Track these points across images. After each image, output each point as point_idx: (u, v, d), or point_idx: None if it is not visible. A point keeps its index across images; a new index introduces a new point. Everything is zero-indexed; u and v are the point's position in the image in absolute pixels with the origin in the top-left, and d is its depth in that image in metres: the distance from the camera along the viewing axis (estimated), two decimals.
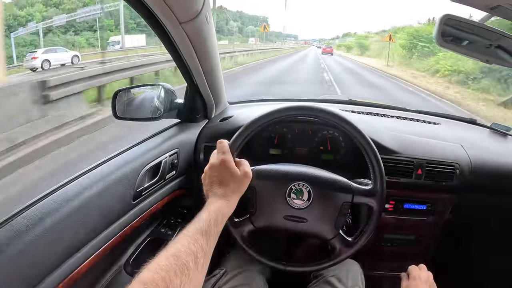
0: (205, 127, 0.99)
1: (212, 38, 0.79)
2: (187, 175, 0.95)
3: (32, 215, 0.57)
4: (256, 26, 70.39)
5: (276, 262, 0.70)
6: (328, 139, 0.97)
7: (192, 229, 0.50)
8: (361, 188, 0.68)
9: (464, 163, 0.91)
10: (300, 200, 0.67)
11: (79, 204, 0.63)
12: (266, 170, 0.69)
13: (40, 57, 11.81)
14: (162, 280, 0.40)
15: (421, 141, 0.95)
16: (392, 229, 0.97)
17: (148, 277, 0.40)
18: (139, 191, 0.77)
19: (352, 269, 0.82)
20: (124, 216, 0.74)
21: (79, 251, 0.62)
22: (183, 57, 0.77)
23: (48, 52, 12.42)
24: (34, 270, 0.54)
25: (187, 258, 0.44)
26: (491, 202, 0.95)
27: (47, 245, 0.56)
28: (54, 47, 13.96)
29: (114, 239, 0.71)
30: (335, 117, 0.67)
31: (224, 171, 0.60)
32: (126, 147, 0.83)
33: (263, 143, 0.98)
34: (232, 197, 0.59)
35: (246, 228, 0.69)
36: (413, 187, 0.91)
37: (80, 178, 0.68)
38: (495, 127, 1.12)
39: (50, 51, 12.78)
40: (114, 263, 0.79)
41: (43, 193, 0.62)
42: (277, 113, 0.68)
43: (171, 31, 0.68)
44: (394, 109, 1.23)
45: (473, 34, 0.72)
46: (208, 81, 0.90)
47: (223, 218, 0.56)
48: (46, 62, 11.64)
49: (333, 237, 0.68)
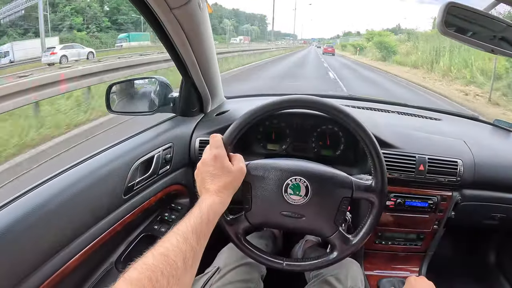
0: (200, 121, 0.97)
1: (206, 27, 0.76)
2: (182, 170, 0.93)
3: (17, 210, 0.55)
4: (253, 24, 67.83)
5: (274, 260, 0.68)
6: (327, 134, 0.94)
7: (183, 227, 0.47)
8: (361, 183, 0.65)
9: (467, 159, 0.88)
10: (297, 196, 0.64)
11: (66, 199, 0.61)
12: (261, 165, 0.66)
13: (58, 52, 12.81)
14: (148, 280, 0.38)
15: (423, 137, 0.92)
16: (393, 227, 0.94)
17: (134, 276, 0.38)
18: (130, 185, 0.75)
19: (352, 268, 0.80)
20: (115, 211, 0.72)
21: (66, 247, 0.60)
22: (176, 47, 0.75)
23: (66, 48, 13.44)
24: (19, 267, 0.52)
25: (176, 257, 0.42)
26: (493, 198, 0.92)
27: (32, 241, 0.54)
28: (71, 44, 15.08)
29: (104, 235, 0.69)
30: (334, 109, 0.64)
31: (217, 167, 0.58)
32: (118, 141, 0.81)
33: (260, 138, 0.96)
34: (225, 193, 0.57)
35: (241, 225, 0.67)
36: (414, 183, 0.88)
37: (68, 171, 0.67)
38: (498, 124, 1.10)
39: (68, 47, 13.84)
40: (105, 260, 0.77)
41: (27, 188, 0.60)
42: (272, 106, 0.65)
43: (162, 18, 0.66)
44: (394, 105, 1.20)
45: (477, 25, 0.70)
46: (204, 73, 0.88)
47: (215, 215, 0.53)
48: (64, 57, 12.58)
49: (332, 234, 0.65)
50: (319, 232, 0.67)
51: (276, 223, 0.66)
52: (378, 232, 0.96)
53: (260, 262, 0.68)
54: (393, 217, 0.92)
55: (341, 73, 11.87)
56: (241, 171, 0.61)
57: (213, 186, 0.56)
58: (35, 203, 0.56)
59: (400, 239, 0.97)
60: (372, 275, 0.98)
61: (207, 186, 0.57)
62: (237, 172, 0.60)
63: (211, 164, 0.58)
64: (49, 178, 0.64)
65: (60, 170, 0.67)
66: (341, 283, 0.75)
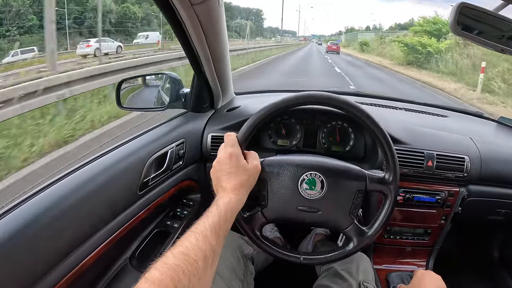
0: (212, 117, 0.97)
1: (223, 24, 0.77)
2: (194, 166, 0.93)
3: (36, 206, 0.54)
4: (248, 19, 62.83)
5: (291, 255, 0.68)
6: (337, 130, 0.95)
7: (201, 225, 0.48)
8: (375, 176, 0.66)
9: (474, 156, 0.90)
10: (312, 191, 0.65)
11: (85, 195, 0.61)
12: (276, 162, 0.66)
13: (93, 45, 14.06)
14: (170, 280, 0.38)
15: (431, 133, 0.94)
16: (401, 221, 0.96)
17: (156, 276, 0.38)
18: (145, 181, 0.75)
19: (362, 262, 0.81)
20: (131, 207, 0.72)
21: (84, 243, 0.60)
22: (193, 42, 0.75)
23: (100, 42, 14.35)
24: (39, 264, 0.52)
25: (196, 256, 0.42)
26: (499, 194, 0.94)
27: (51, 237, 0.54)
28: (104, 38, 16.50)
29: (120, 230, 0.69)
30: (347, 104, 0.65)
31: (233, 165, 0.58)
32: (132, 136, 0.81)
33: (271, 133, 0.97)
34: (242, 191, 0.57)
35: (258, 221, 0.67)
36: (423, 179, 0.90)
37: (85, 167, 0.66)
38: (503, 121, 1.12)
39: (101, 40, 14.90)
40: (120, 256, 0.77)
41: (46, 183, 0.60)
42: (286, 103, 0.65)
43: (182, 13, 0.65)
44: (401, 101, 1.22)
45: (487, 24, 0.72)
46: (217, 70, 0.88)
47: (232, 213, 0.54)
48: (98, 50, 13.40)
49: (348, 226, 0.66)
50: (335, 225, 0.68)
51: (292, 218, 0.67)
52: (386, 226, 0.97)
53: (277, 257, 0.69)
54: (401, 212, 0.94)
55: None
56: (257, 169, 0.61)
57: (229, 185, 0.57)
58: (53, 200, 0.56)
59: (408, 234, 0.99)
60: (380, 269, 1.00)
61: (224, 184, 0.57)
62: (253, 170, 0.60)
63: (226, 162, 0.59)
64: (66, 174, 0.63)
65: (77, 166, 0.66)
66: (352, 277, 0.76)
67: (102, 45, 14.21)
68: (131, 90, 0.97)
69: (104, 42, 15.31)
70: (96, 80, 4.62)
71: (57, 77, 4.05)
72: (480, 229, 1.10)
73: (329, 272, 0.80)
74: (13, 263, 0.48)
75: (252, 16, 71.63)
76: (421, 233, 0.99)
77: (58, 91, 3.91)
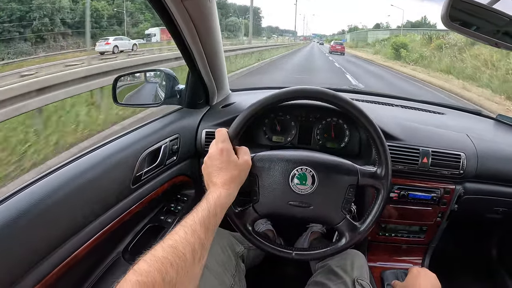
0: (206, 113, 0.98)
1: (215, 19, 0.77)
2: (188, 161, 0.94)
3: (29, 197, 0.55)
4: (244, 17, 58.32)
5: (283, 250, 0.68)
6: (332, 126, 0.95)
7: (190, 219, 0.48)
8: (367, 170, 0.66)
9: (470, 153, 0.89)
10: (303, 185, 0.65)
11: (77, 187, 0.61)
12: (267, 157, 0.67)
13: (112, 43, 15.31)
14: (158, 272, 0.39)
15: (427, 130, 0.93)
16: (396, 219, 0.95)
17: (144, 268, 0.39)
18: (138, 175, 0.76)
19: (357, 259, 0.81)
20: (123, 200, 0.73)
21: (76, 234, 0.61)
22: (185, 38, 0.75)
23: (117, 40, 16.20)
24: (29, 254, 0.53)
25: (184, 249, 0.43)
26: (496, 192, 0.93)
27: (42, 228, 0.55)
28: (121, 36, 18.51)
29: (113, 224, 0.69)
30: (336, 99, 0.65)
31: (224, 160, 0.59)
32: (126, 131, 0.81)
33: (266, 130, 0.97)
34: (232, 186, 0.58)
35: (250, 217, 0.67)
36: (418, 175, 0.89)
37: (79, 160, 0.67)
38: (501, 119, 1.11)
39: (118, 39, 16.75)
40: (113, 249, 0.78)
41: (39, 175, 0.61)
42: (274, 98, 0.65)
43: (172, 9, 0.66)
44: (398, 99, 1.22)
45: (481, 19, 0.71)
46: (210, 65, 0.88)
47: (222, 208, 0.54)
48: (116, 47, 14.76)
49: (340, 221, 0.66)
50: (326, 220, 0.68)
51: (284, 213, 0.67)
52: (381, 224, 0.97)
53: (269, 252, 0.69)
54: (396, 209, 0.93)
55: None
56: (247, 164, 0.62)
57: (219, 180, 0.57)
58: (46, 191, 0.57)
59: (403, 231, 0.98)
60: (375, 267, 0.99)
61: (214, 179, 0.58)
62: (243, 165, 0.61)
63: (217, 158, 0.59)
64: (60, 166, 0.64)
65: (71, 158, 0.67)
66: (347, 273, 0.76)
67: (119, 43, 15.43)
68: (127, 86, 0.98)
69: (121, 41, 16.59)
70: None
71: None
72: (477, 227, 1.09)
73: (324, 269, 0.80)
74: (4, 252, 0.49)
75: (249, 15, 70.44)
76: (417, 230, 0.98)
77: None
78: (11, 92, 2.96)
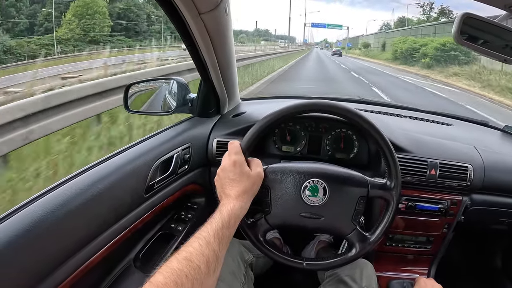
0: (217, 122, 0.99)
1: (230, 32, 0.78)
2: (199, 170, 0.95)
3: (43, 207, 0.56)
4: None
5: (294, 260, 0.69)
6: (341, 137, 0.96)
7: (205, 231, 0.49)
8: (377, 182, 0.67)
9: (477, 165, 0.90)
10: (315, 197, 0.66)
11: (91, 196, 0.62)
12: (279, 169, 0.67)
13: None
14: (174, 284, 0.40)
15: (435, 141, 0.94)
16: (403, 229, 0.96)
17: (160, 280, 0.40)
18: (151, 184, 0.76)
19: (366, 269, 0.82)
20: (136, 209, 0.73)
21: (90, 243, 0.61)
22: (200, 50, 0.77)
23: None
24: (44, 263, 0.53)
25: (199, 261, 0.44)
26: (502, 204, 0.94)
27: (58, 237, 0.55)
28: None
29: (125, 232, 0.70)
30: (348, 112, 0.67)
31: (236, 172, 0.60)
32: (139, 140, 0.82)
33: (275, 140, 0.98)
34: (245, 198, 0.59)
35: (261, 228, 0.68)
36: (426, 187, 0.90)
37: (93, 169, 0.68)
38: (508, 130, 1.12)
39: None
40: (124, 257, 0.78)
41: (54, 184, 0.61)
42: (287, 111, 0.67)
43: (189, 22, 0.67)
44: (406, 109, 1.23)
45: (490, 34, 0.72)
46: (223, 76, 0.89)
47: (236, 220, 0.55)
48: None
49: (350, 232, 0.67)
50: (337, 231, 0.68)
51: (295, 225, 0.67)
52: (388, 234, 0.97)
53: (281, 262, 0.69)
54: (404, 220, 0.94)
55: None
56: (260, 176, 0.63)
57: (233, 192, 0.58)
58: (60, 201, 0.57)
59: (410, 242, 0.99)
60: (382, 276, 1.00)
61: (227, 191, 0.58)
62: (256, 177, 0.62)
63: (230, 170, 0.60)
64: (75, 175, 0.65)
65: (85, 167, 0.68)
66: (356, 283, 0.77)
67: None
68: (139, 94, 1.00)
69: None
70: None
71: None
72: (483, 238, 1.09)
73: (333, 278, 0.80)
74: (19, 261, 0.50)
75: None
76: (423, 241, 0.99)
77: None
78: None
